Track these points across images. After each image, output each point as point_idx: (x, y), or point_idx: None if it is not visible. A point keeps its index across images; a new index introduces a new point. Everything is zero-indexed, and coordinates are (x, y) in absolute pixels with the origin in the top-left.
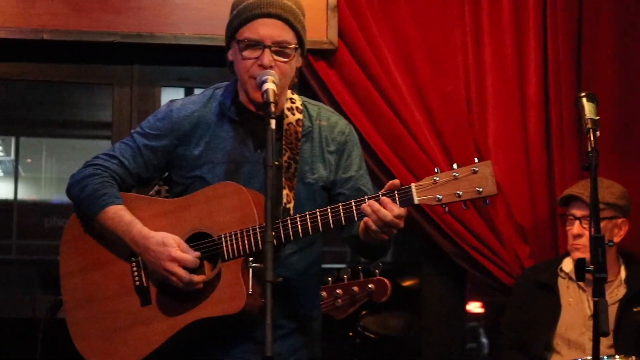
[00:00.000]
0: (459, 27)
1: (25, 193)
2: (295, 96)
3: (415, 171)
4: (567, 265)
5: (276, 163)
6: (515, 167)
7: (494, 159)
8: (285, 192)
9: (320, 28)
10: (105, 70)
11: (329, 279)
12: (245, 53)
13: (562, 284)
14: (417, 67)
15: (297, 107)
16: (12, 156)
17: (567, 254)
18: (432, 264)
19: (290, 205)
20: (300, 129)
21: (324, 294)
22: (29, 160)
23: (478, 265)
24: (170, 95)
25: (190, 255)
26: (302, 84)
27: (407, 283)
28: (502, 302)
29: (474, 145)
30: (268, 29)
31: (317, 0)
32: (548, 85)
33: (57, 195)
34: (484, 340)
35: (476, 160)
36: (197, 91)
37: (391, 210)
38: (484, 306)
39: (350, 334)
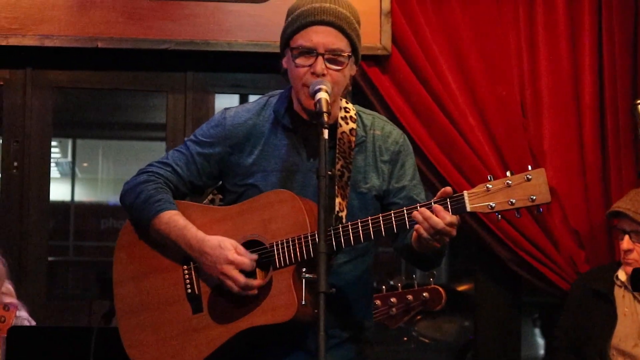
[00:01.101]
0: (513, 31)
1: (82, 194)
2: (350, 105)
3: (468, 176)
4: (623, 274)
5: (329, 173)
6: (571, 172)
7: (549, 163)
8: (337, 200)
9: (374, 34)
10: (160, 77)
11: (383, 287)
12: (299, 60)
13: (619, 293)
14: (471, 71)
15: (350, 117)
16: (69, 158)
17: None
18: (487, 269)
19: (343, 214)
20: (353, 139)
21: (378, 302)
22: (85, 164)
23: (533, 270)
24: (223, 101)
25: (247, 258)
26: (355, 90)
27: (462, 288)
28: (557, 302)
29: (528, 149)
30: (321, 37)
31: (371, 6)
32: (603, 88)
33: (114, 196)
34: (540, 340)
35: (529, 167)
36: (251, 98)
37: (443, 217)
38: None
39: (405, 338)
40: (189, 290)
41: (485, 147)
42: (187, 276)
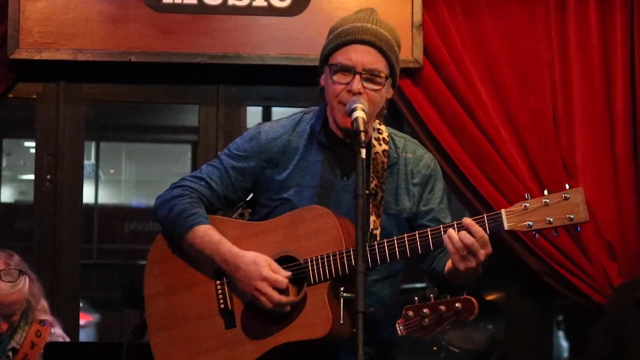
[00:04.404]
0: (545, 43)
1: (106, 196)
2: (383, 127)
3: (501, 188)
4: None
5: (367, 192)
6: (603, 184)
7: (582, 175)
8: (372, 218)
9: (406, 46)
10: (192, 90)
11: (415, 298)
12: (336, 77)
13: None
14: (503, 83)
15: (383, 138)
16: (93, 160)
17: None
18: (518, 280)
19: (377, 232)
20: (386, 160)
21: (410, 313)
22: (112, 171)
23: (566, 282)
24: (256, 115)
25: (281, 276)
26: (387, 102)
27: (491, 297)
28: (582, 305)
29: (561, 162)
30: (360, 56)
31: (402, 19)
32: (636, 100)
33: (137, 198)
34: (564, 343)
35: (567, 186)
36: (283, 110)
37: (476, 231)
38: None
39: (435, 348)
40: (222, 305)
41: (517, 159)
42: (219, 291)
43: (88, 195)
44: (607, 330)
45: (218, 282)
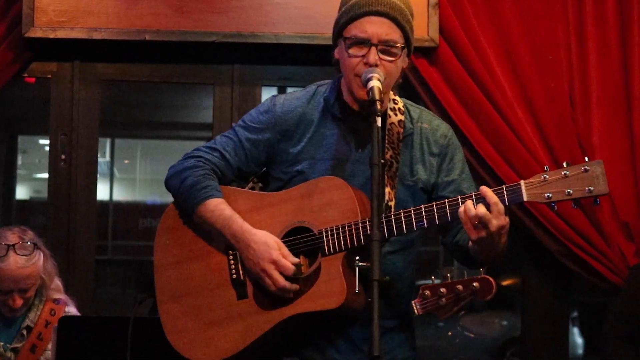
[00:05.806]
0: (562, 22)
1: (120, 194)
2: (398, 98)
3: (517, 168)
4: None
5: (382, 161)
6: (620, 164)
7: (598, 156)
8: (387, 189)
9: (421, 25)
10: (207, 70)
11: (432, 277)
12: (351, 51)
13: None
14: (519, 63)
15: (399, 109)
16: (107, 157)
17: None
18: (534, 263)
19: (392, 204)
20: (401, 130)
21: (427, 292)
22: (126, 161)
23: (583, 263)
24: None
25: (290, 263)
26: (403, 82)
27: (506, 282)
28: (596, 301)
29: (577, 142)
30: (375, 27)
31: None
32: None
33: (151, 196)
34: (579, 340)
35: (587, 159)
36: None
37: (491, 197)
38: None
39: (450, 333)
40: (234, 276)
41: (534, 140)
42: (232, 261)
43: (103, 192)
44: (623, 311)
45: (230, 252)
